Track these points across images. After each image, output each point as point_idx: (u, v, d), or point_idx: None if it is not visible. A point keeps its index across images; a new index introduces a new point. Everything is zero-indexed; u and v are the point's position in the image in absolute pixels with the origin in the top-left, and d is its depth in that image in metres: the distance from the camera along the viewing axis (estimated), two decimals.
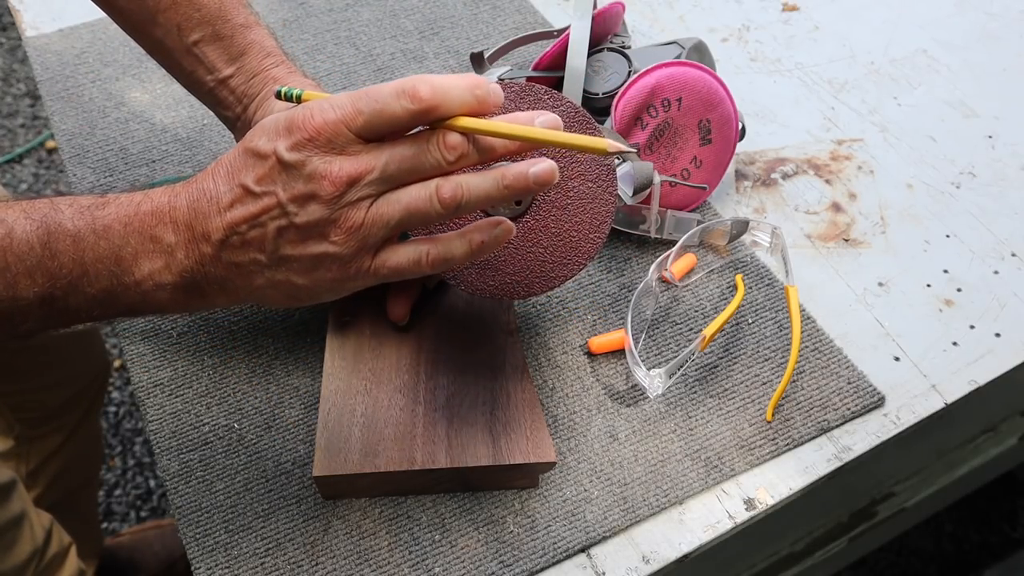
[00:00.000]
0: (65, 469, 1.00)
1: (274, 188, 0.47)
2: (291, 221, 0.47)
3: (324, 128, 0.45)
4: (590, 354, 0.69)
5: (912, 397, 0.67)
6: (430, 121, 0.46)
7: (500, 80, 0.83)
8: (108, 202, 0.49)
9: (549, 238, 0.56)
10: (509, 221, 0.50)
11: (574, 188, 0.57)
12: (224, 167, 0.49)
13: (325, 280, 0.49)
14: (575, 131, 0.57)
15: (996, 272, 0.75)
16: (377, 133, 0.46)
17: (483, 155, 0.47)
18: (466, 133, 0.46)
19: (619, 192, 0.69)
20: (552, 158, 0.57)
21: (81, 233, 0.47)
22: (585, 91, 0.76)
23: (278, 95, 0.52)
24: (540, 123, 0.47)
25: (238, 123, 0.67)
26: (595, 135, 0.57)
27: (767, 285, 0.73)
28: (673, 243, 0.72)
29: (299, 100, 0.52)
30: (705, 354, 0.69)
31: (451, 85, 0.45)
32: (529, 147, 0.48)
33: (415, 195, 0.47)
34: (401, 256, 0.49)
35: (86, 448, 1.07)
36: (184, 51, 0.65)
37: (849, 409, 0.66)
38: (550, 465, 0.60)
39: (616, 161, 0.70)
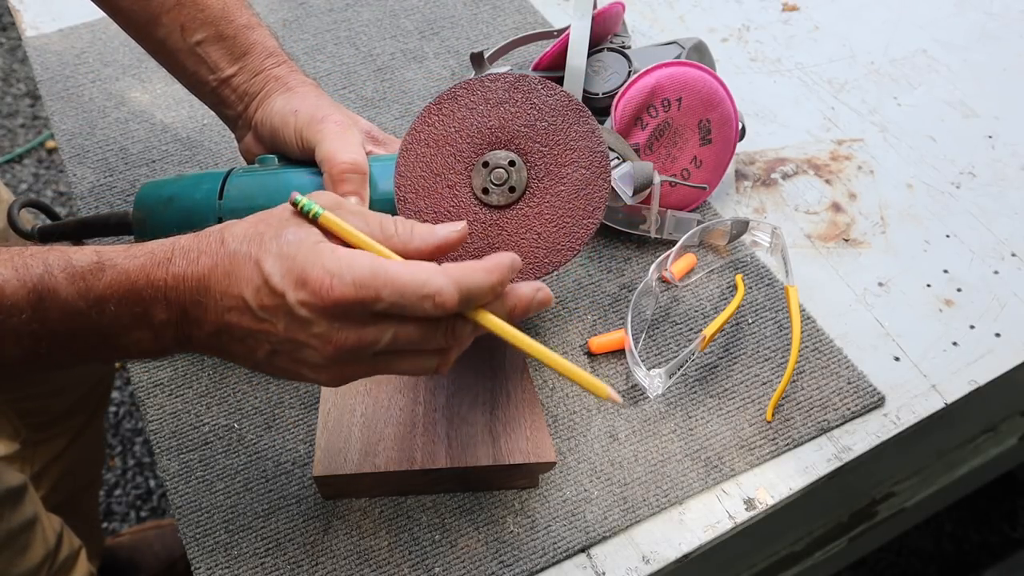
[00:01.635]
0: (69, 471, 1.00)
1: (275, 320, 0.46)
2: (284, 350, 0.47)
3: (341, 302, 0.44)
4: (590, 354, 0.69)
5: (912, 397, 0.67)
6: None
7: (494, 72, 0.83)
8: (103, 269, 0.47)
9: (543, 224, 0.57)
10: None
11: (567, 175, 0.57)
12: (229, 262, 0.46)
13: (308, 381, 0.50)
14: (569, 122, 0.57)
15: (996, 272, 0.75)
16: (390, 315, 0.46)
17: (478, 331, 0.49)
18: (480, 325, 0.48)
19: (619, 192, 0.69)
20: (546, 146, 0.57)
21: (73, 302, 0.46)
22: (585, 91, 0.76)
23: (294, 204, 0.48)
24: (538, 301, 0.50)
25: (239, 121, 0.67)
26: (587, 123, 0.57)
27: (767, 285, 0.73)
28: (673, 243, 0.72)
29: (315, 220, 0.48)
30: (705, 354, 0.69)
31: (477, 288, 0.46)
32: (532, 355, 0.49)
33: (413, 366, 0.48)
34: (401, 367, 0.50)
35: (89, 450, 1.07)
36: (187, 51, 0.65)
37: (849, 409, 0.66)
38: (550, 465, 0.60)
39: (615, 160, 0.70)
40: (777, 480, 0.63)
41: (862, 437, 0.65)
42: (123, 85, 0.89)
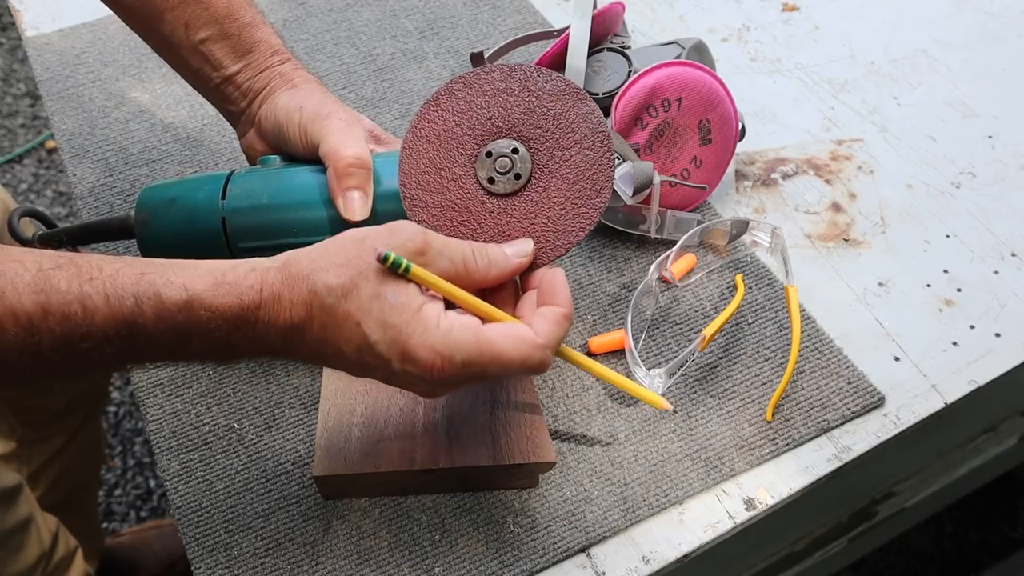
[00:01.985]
0: (66, 470, 1.00)
1: (376, 371, 0.49)
2: (384, 378, 0.50)
3: (451, 379, 0.48)
4: (590, 354, 0.69)
5: (912, 397, 0.67)
6: None
7: (487, 63, 0.83)
8: (192, 307, 0.46)
9: (552, 207, 0.57)
10: None
11: (571, 157, 0.57)
12: (322, 316, 0.47)
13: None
14: (568, 106, 0.57)
15: (996, 272, 0.75)
16: None
17: None
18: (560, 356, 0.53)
19: (619, 192, 0.69)
20: (547, 131, 0.57)
21: (161, 339, 0.46)
22: (585, 91, 0.76)
23: (382, 260, 0.47)
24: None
25: (242, 117, 0.67)
26: (585, 105, 0.57)
27: (767, 285, 0.73)
28: (673, 243, 0.72)
29: (407, 273, 0.47)
30: (705, 354, 0.69)
31: (564, 337, 0.51)
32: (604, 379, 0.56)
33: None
34: None
35: (87, 449, 1.07)
36: (191, 48, 0.65)
37: (849, 409, 0.66)
38: (550, 465, 0.60)
39: (616, 160, 0.70)
40: (777, 480, 0.63)
41: (862, 437, 0.65)
42: (123, 85, 0.89)
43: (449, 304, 0.50)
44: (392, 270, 0.47)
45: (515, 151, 0.56)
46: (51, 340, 0.44)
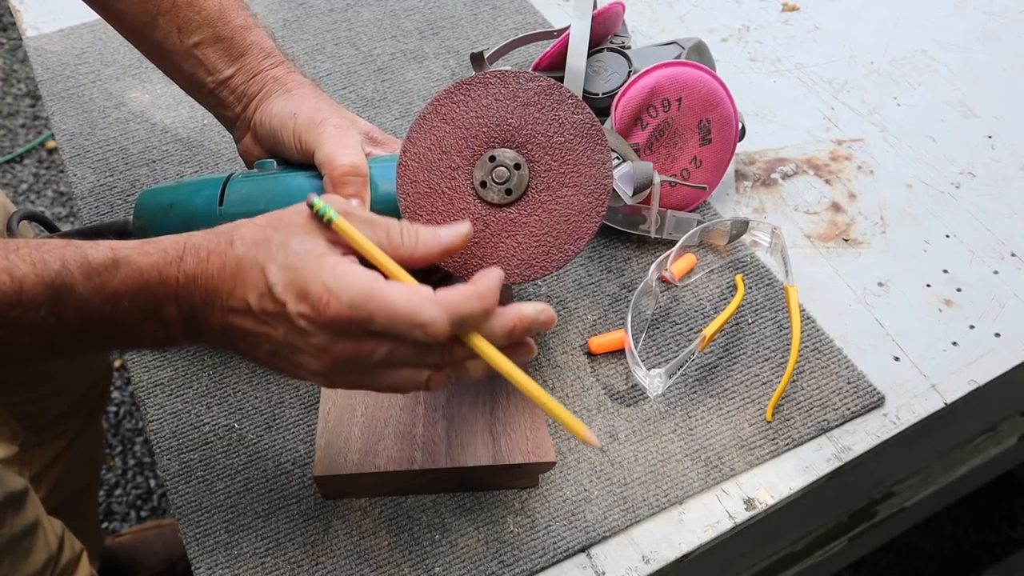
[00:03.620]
0: (68, 473, 1.00)
1: (276, 325, 0.47)
2: (283, 354, 0.48)
3: (337, 320, 0.45)
4: (590, 354, 0.69)
5: (912, 397, 0.67)
6: None
7: (487, 63, 0.83)
8: (118, 265, 0.48)
9: (526, 236, 0.57)
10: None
11: (565, 196, 0.57)
12: (236, 264, 0.48)
13: (305, 381, 0.52)
14: (585, 146, 0.57)
15: (996, 272, 0.75)
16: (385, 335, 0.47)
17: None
18: (473, 347, 0.48)
19: (619, 192, 0.69)
20: (555, 160, 0.57)
21: (89, 299, 0.48)
22: (585, 91, 0.76)
23: (311, 206, 0.48)
24: (541, 323, 0.49)
25: (238, 122, 0.67)
26: (601, 152, 0.57)
27: (767, 285, 0.73)
28: (673, 243, 0.72)
29: (330, 225, 0.48)
30: (705, 354, 0.69)
31: (469, 315, 0.46)
32: (526, 392, 0.49)
33: (407, 379, 0.49)
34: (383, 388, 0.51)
35: (89, 451, 1.06)
36: (184, 53, 0.65)
37: (849, 409, 0.66)
38: (550, 465, 0.60)
39: (616, 160, 0.70)
40: (777, 480, 0.63)
41: (862, 437, 0.65)
42: (123, 85, 0.89)
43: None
44: (318, 218, 0.48)
45: (517, 166, 0.56)
46: None
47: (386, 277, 0.47)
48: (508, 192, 0.56)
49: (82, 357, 0.52)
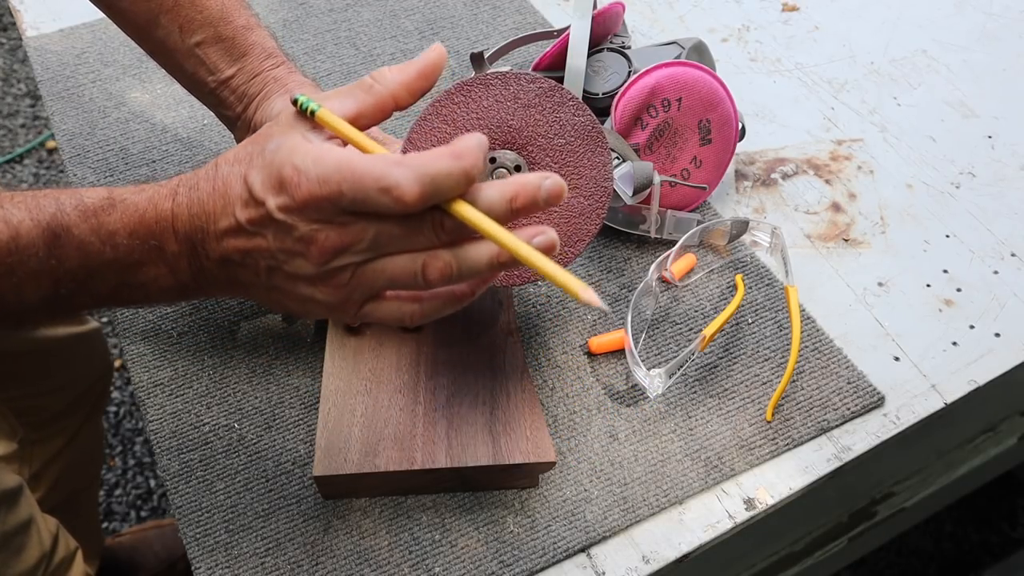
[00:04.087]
0: (67, 471, 1.00)
1: (265, 232, 0.46)
2: (280, 266, 0.47)
3: (310, 201, 0.44)
4: (590, 354, 0.69)
5: (912, 397, 0.67)
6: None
7: (487, 63, 0.83)
8: (114, 205, 0.48)
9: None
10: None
11: (566, 200, 0.57)
12: (223, 183, 0.47)
13: (315, 312, 0.49)
14: (586, 148, 0.57)
15: (996, 272, 0.75)
16: (362, 212, 0.44)
17: (475, 233, 0.45)
18: (459, 217, 0.45)
19: (619, 192, 0.69)
20: (556, 163, 0.57)
21: (87, 239, 0.47)
22: (585, 91, 0.76)
23: (294, 102, 0.49)
24: (546, 190, 0.45)
25: (238, 122, 0.67)
26: (602, 155, 0.56)
27: (767, 285, 0.73)
28: (673, 243, 0.72)
29: (313, 116, 0.49)
30: (705, 354, 0.69)
31: (443, 175, 0.43)
32: (514, 257, 0.45)
33: (401, 268, 0.46)
34: (385, 311, 0.49)
35: (88, 450, 1.07)
36: (186, 52, 0.65)
37: (849, 409, 0.66)
38: (550, 465, 0.60)
39: (616, 160, 0.70)
40: (777, 480, 0.63)
41: (862, 437, 0.65)
42: (123, 85, 0.89)
43: None
44: (302, 112, 0.49)
45: (517, 168, 0.56)
46: None
47: None
48: None
49: (91, 310, 0.50)
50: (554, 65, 0.79)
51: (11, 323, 0.50)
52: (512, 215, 0.45)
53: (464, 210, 0.44)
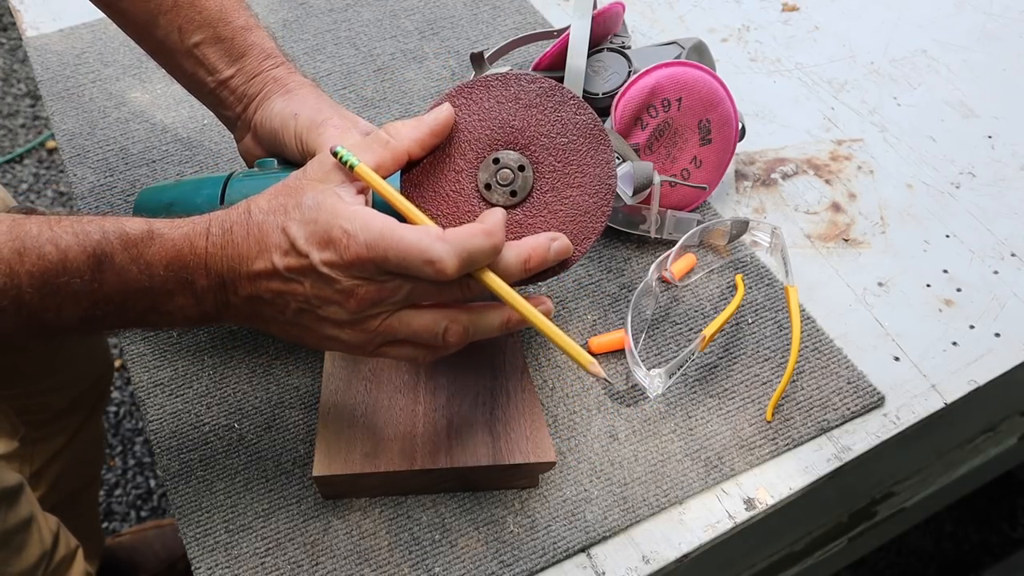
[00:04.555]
0: (68, 470, 1.00)
1: (303, 280, 0.50)
2: (313, 309, 0.51)
3: (357, 262, 0.49)
4: (590, 354, 0.68)
5: (912, 397, 0.67)
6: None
7: (487, 63, 0.83)
8: (152, 238, 0.51)
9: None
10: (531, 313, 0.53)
11: (571, 197, 0.56)
12: (258, 230, 0.51)
13: (331, 348, 0.54)
14: (588, 146, 0.57)
15: (996, 272, 0.75)
16: (403, 274, 0.50)
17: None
18: (483, 283, 0.51)
19: (619, 192, 0.69)
20: (559, 162, 0.57)
21: (127, 267, 0.50)
22: (585, 91, 0.76)
23: (334, 154, 0.52)
24: (554, 251, 0.53)
25: (238, 123, 0.67)
26: (605, 152, 0.56)
27: (767, 285, 0.73)
28: (673, 243, 0.72)
29: (352, 169, 0.52)
30: (705, 354, 0.69)
31: (478, 251, 0.49)
32: (525, 319, 0.53)
33: (425, 326, 0.52)
34: (399, 353, 0.54)
35: (89, 448, 1.07)
36: (185, 53, 0.65)
37: (849, 409, 0.66)
38: (550, 465, 0.60)
39: (616, 160, 0.70)
40: (777, 480, 0.63)
41: (862, 437, 0.65)
42: (123, 85, 0.89)
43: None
44: (342, 164, 0.52)
45: (521, 168, 0.56)
46: (29, 280, 0.48)
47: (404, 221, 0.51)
48: (513, 194, 0.56)
49: (117, 332, 0.55)
50: (554, 65, 0.79)
51: (44, 337, 0.54)
52: (525, 274, 0.53)
53: (490, 279, 0.51)
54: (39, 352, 0.90)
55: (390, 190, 0.52)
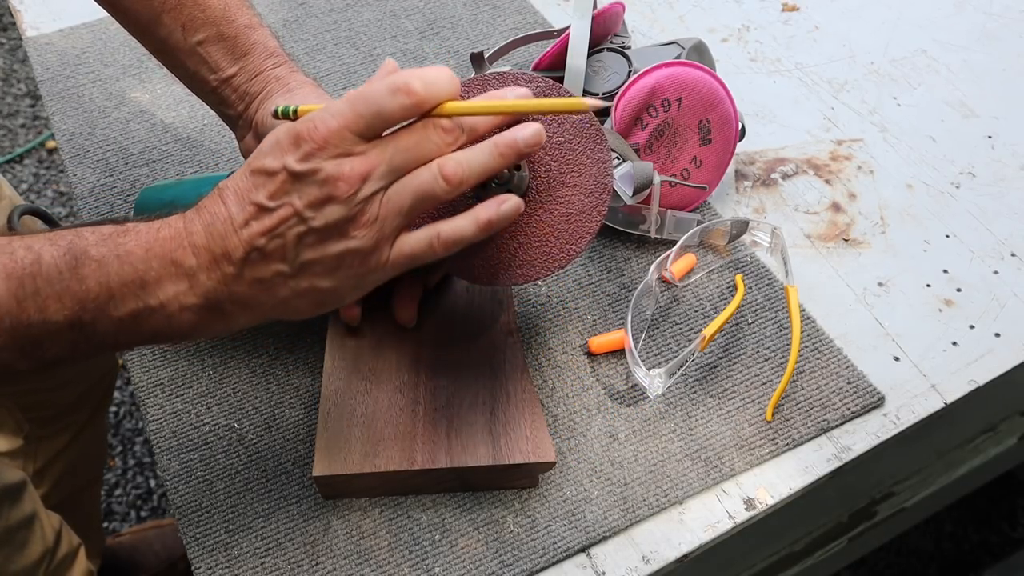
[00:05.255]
0: (71, 468, 1.00)
1: (289, 199, 0.48)
2: (310, 226, 0.48)
3: (330, 136, 0.47)
4: (590, 354, 0.69)
5: (912, 397, 0.67)
6: (421, 112, 0.49)
7: (487, 63, 0.83)
8: (128, 230, 0.50)
9: (527, 237, 0.56)
10: (516, 196, 0.52)
11: (567, 196, 0.56)
12: (232, 190, 0.50)
13: (348, 278, 0.51)
14: (585, 145, 0.57)
15: (996, 272, 0.75)
16: (377, 132, 0.48)
17: (472, 135, 0.51)
18: (454, 116, 0.50)
19: (619, 192, 0.69)
20: (556, 161, 0.57)
21: (105, 259, 0.49)
22: (585, 91, 0.76)
23: (275, 114, 0.54)
24: (513, 96, 0.52)
25: (240, 121, 0.67)
26: (601, 152, 0.57)
27: (767, 285, 0.73)
28: (673, 243, 0.72)
29: (295, 115, 0.53)
30: (705, 354, 0.69)
31: (436, 77, 0.48)
32: (509, 119, 0.52)
33: (422, 179, 0.49)
34: (415, 242, 0.51)
35: (92, 447, 1.07)
36: (188, 51, 0.65)
37: (849, 409, 0.66)
38: (550, 465, 0.60)
39: (616, 160, 0.70)
40: (777, 480, 0.63)
41: (862, 437, 0.65)
42: (123, 85, 0.89)
43: None
44: (284, 116, 0.54)
45: (517, 167, 0.56)
46: (5, 285, 0.47)
47: None
48: (508, 190, 0.56)
49: (115, 341, 0.52)
50: (554, 65, 0.79)
51: (35, 351, 0.50)
52: (495, 128, 0.51)
53: (456, 106, 0.50)
54: None
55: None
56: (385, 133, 0.49)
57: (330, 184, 0.47)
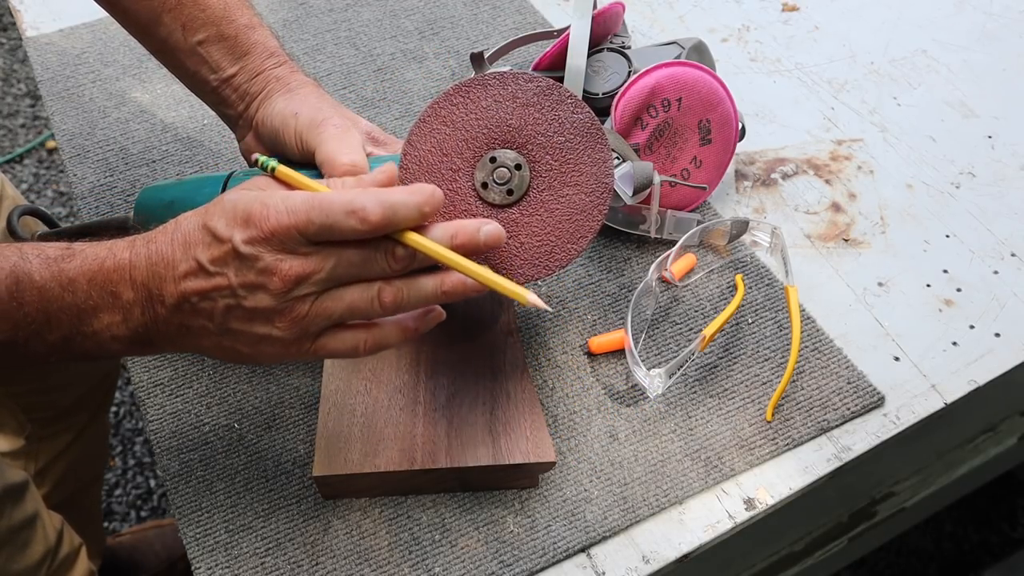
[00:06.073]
0: (73, 468, 1.00)
1: (226, 271, 0.49)
2: (239, 303, 0.49)
3: (277, 230, 0.47)
4: (590, 354, 0.69)
5: (912, 397, 0.67)
6: (375, 236, 0.49)
7: (487, 63, 0.83)
8: (74, 255, 0.50)
9: (528, 237, 0.56)
10: (439, 309, 0.53)
11: (567, 196, 0.56)
12: (182, 235, 0.50)
13: (267, 354, 0.52)
14: (585, 145, 0.57)
15: (996, 272, 0.75)
16: (325, 240, 0.48)
17: (425, 263, 0.50)
18: (409, 246, 0.49)
19: (619, 192, 0.69)
20: (556, 160, 0.57)
21: (47, 285, 0.49)
22: (585, 91, 0.76)
23: (254, 163, 0.55)
24: (484, 233, 0.50)
25: (240, 121, 0.67)
26: (602, 151, 0.57)
27: (767, 285, 0.73)
28: (673, 243, 0.72)
29: (274, 173, 0.54)
30: (705, 354, 0.69)
31: (400, 204, 0.48)
32: (463, 271, 0.50)
33: (358, 296, 0.50)
34: (339, 343, 0.52)
35: (93, 447, 1.07)
36: (188, 51, 0.65)
37: (849, 409, 0.66)
38: (550, 465, 0.60)
39: (616, 160, 0.70)
40: (777, 480, 0.63)
41: (862, 437, 0.65)
42: (123, 85, 0.89)
43: None
44: (263, 169, 0.55)
45: (518, 167, 0.56)
46: None
47: None
48: (510, 193, 0.56)
49: (41, 360, 0.54)
50: (554, 65, 0.79)
51: None
52: (453, 246, 0.50)
53: (414, 238, 0.49)
54: None
55: (316, 184, 0.52)
56: None
57: (265, 275, 0.48)
